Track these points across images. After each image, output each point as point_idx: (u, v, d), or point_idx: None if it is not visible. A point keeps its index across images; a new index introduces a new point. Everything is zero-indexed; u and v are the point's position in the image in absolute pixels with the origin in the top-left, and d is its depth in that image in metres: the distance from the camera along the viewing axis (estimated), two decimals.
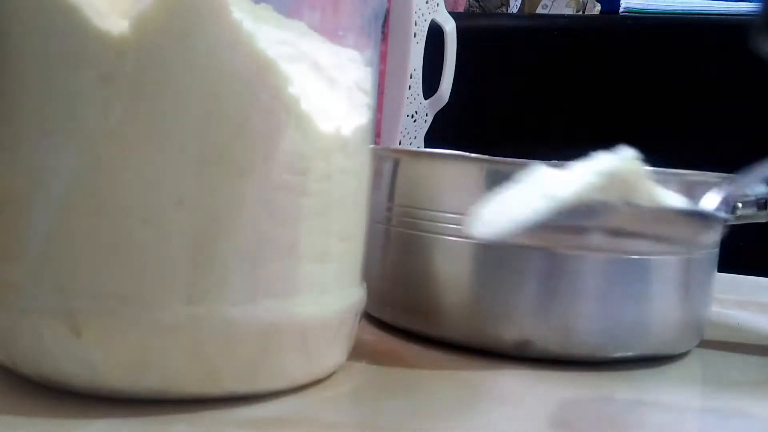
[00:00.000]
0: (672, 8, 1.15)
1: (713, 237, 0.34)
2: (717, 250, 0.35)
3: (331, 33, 0.26)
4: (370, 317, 0.36)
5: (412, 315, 0.34)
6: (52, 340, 0.23)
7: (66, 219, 0.23)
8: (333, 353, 0.28)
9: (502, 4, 1.55)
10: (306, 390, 0.26)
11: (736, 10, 1.11)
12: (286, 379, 0.26)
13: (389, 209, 0.35)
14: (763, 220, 0.36)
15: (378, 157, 0.34)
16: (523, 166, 0.31)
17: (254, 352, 0.24)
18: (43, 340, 0.23)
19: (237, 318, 0.24)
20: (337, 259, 0.27)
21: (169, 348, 0.23)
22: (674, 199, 0.29)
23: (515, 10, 1.56)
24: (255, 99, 0.23)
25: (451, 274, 0.33)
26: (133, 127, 0.23)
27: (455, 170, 0.33)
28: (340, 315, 0.27)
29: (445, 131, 0.80)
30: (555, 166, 0.31)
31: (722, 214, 0.29)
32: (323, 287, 0.26)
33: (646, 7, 1.17)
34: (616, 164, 0.27)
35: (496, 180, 0.31)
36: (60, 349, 0.23)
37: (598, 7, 1.41)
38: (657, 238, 0.31)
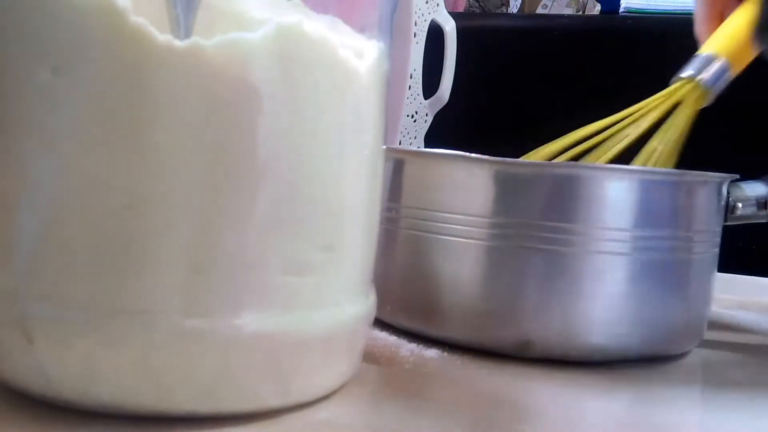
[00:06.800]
0: (672, 8, 1.15)
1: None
2: (717, 250, 0.35)
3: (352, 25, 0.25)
4: None
5: (413, 315, 0.34)
6: (9, 346, 0.22)
7: (18, 225, 0.22)
8: (313, 378, 0.25)
9: (502, 4, 1.55)
10: None
11: None
12: (253, 400, 0.24)
13: (390, 209, 0.35)
14: (763, 220, 0.36)
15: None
16: (533, 167, 0.31)
17: (213, 370, 0.22)
18: (3, 346, 0.23)
19: (194, 332, 0.22)
20: (315, 271, 0.24)
21: (119, 361, 0.22)
22: None
23: (515, 10, 1.56)
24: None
25: (452, 274, 0.32)
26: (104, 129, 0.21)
27: (463, 171, 0.33)
28: (324, 334, 0.25)
29: (445, 131, 0.79)
30: (556, 166, 0.31)
31: None
32: (290, 302, 0.24)
33: (646, 7, 1.17)
34: None
35: (504, 181, 0.31)
36: (17, 356, 0.22)
37: (598, 7, 1.41)
38: None
